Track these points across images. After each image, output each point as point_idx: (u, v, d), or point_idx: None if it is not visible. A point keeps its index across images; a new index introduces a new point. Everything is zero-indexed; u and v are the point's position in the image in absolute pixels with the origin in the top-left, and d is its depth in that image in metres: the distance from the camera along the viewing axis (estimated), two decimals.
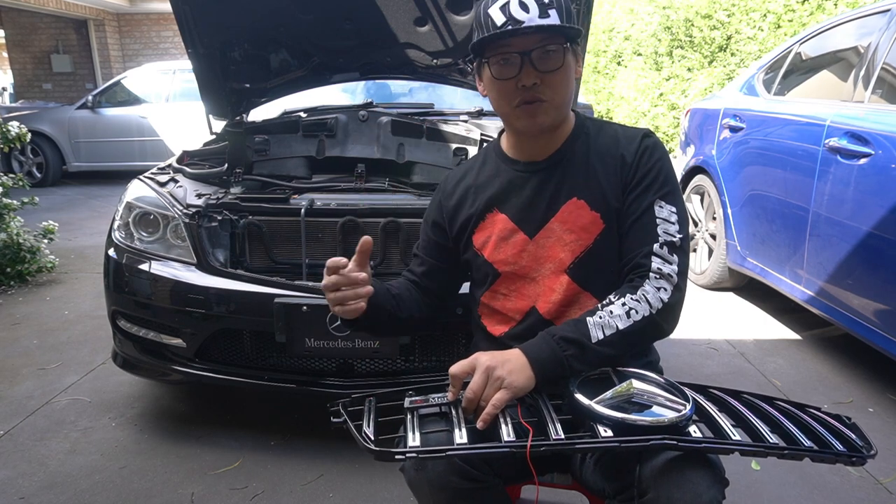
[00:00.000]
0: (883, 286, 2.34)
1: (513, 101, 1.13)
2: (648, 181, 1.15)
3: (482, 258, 1.25)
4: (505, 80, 1.12)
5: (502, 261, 1.22)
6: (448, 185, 1.34)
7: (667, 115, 7.83)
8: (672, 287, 1.10)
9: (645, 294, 1.09)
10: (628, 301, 1.08)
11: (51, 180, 7.80)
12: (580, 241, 1.17)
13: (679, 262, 1.12)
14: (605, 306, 1.09)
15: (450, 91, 3.28)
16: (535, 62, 1.09)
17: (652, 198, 1.15)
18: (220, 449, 2.14)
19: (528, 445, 0.90)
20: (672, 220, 1.14)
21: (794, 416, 1.03)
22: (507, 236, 1.22)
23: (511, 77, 1.11)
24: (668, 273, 1.10)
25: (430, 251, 1.34)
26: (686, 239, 1.14)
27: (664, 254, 1.11)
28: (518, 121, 1.16)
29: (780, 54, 3.52)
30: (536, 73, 1.10)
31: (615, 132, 1.22)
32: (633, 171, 1.16)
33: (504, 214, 1.23)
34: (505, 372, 1.00)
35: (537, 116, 1.14)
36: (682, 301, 1.12)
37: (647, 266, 1.11)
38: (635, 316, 1.07)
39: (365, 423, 0.99)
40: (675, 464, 0.95)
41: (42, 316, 3.41)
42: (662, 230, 1.13)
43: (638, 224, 1.15)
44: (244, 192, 2.24)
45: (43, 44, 11.30)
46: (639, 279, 1.12)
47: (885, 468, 2.01)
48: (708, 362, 2.83)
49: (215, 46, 2.38)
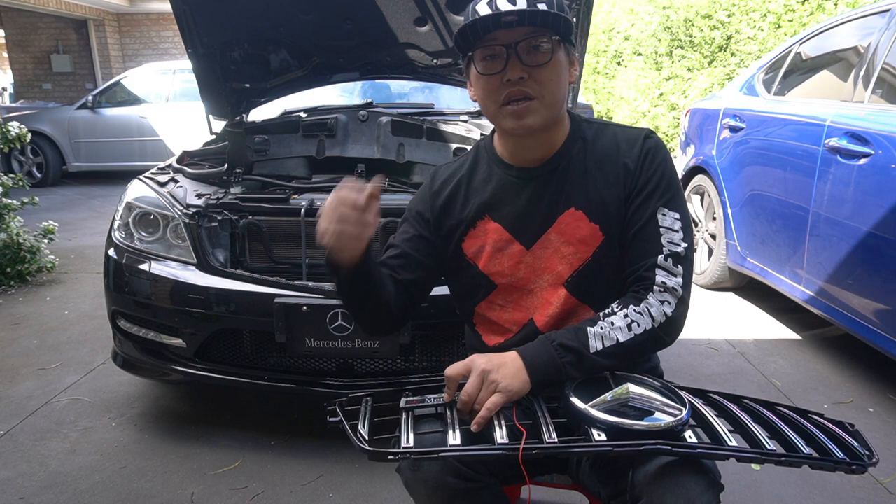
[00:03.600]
0: (883, 286, 2.34)
1: (499, 97, 1.07)
2: (651, 187, 1.11)
3: (476, 269, 1.20)
4: (490, 75, 1.06)
5: (499, 273, 1.18)
6: (437, 181, 1.25)
7: (667, 115, 7.83)
8: (676, 301, 1.07)
9: (648, 307, 1.06)
10: (631, 313, 1.06)
11: (51, 180, 7.80)
12: (578, 254, 1.13)
13: (683, 274, 1.08)
14: (606, 316, 1.07)
15: (450, 91, 3.29)
16: (522, 55, 1.04)
17: (655, 205, 1.10)
18: (220, 449, 2.14)
19: (520, 448, 0.90)
20: (676, 228, 1.10)
21: (795, 422, 1.02)
22: (503, 247, 1.17)
23: (496, 72, 1.05)
24: (673, 287, 1.07)
25: (412, 243, 1.22)
26: (690, 247, 1.11)
27: (668, 266, 1.08)
28: (505, 121, 1.09)
29: (780, 54, 3.52)
30: (523, 66, 1.04)
31: (614, 135, 1.16)
32: (636, 177, 1.12)
33: (497, 223, 1.17)
34: (500, 376, 1.00)
35: (525, 117, 1.07)
36: (686, 313, 1.10)
37: (651, 279, 1.08)
38: (637, 329, 1.05)
39: (360, 423, 0.99)
40: (669, 469, 0.94)
41: (42, 316, 3.41)
42: (666, 240, 1.09)
43: (641, 234, 1.10)
44: (244, 192, 2.24)
45: (43, 44, 11.29)
46: (643, 291, 1.08)
47: (885, 468, 2.01)
48: (708, 362, 2.83)
49: (215, 46, 2.38)
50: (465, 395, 0.99)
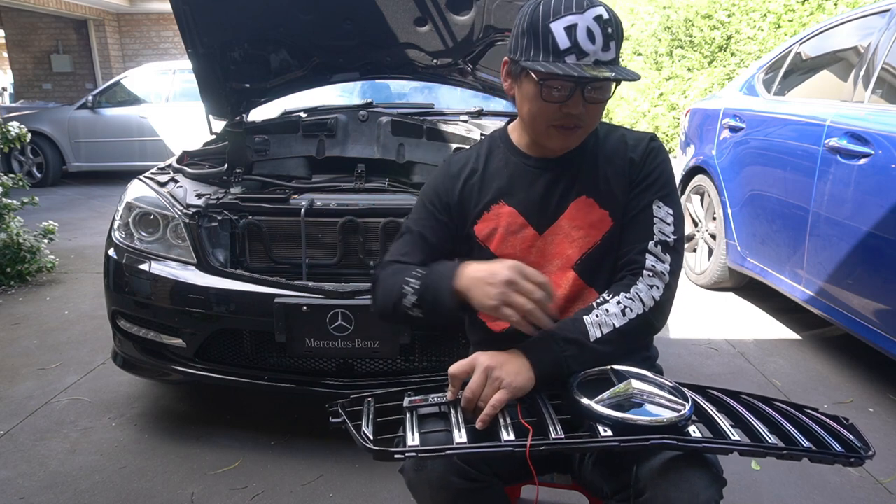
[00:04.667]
0: (883, 286, 2.34)
1: (549, 120, 1.12)
2: (650, 181, 1.18)
3: (487, 251, 1.23)
4: (551, 102, 1.10)
5: (510, 255, 1.21)
6: (452, 166, 1.28)
7: (667, 115, 7.83)
8: (664, 285, 1.13)
9: (638, 292, 1.11)
10: (623, 299, 1.10)
11: (51, 180, 7.80)
12: (588, 238, 1.19)
13: (671, 262, 1.14)
14: (599, 305, 1.11)
15: (450, 91, 3.28)
16: (586, 94, 1.08)
17: (651, 197, 1.17)
18: (220, 449, 2.14)
19: (527, 445, 0.90)
20: (668, 221, 1.16)
21: (792, 416, 1.03)
22: (516, 230, 1.21)
23: (558, 101, 1.09)
24: (661, 271, 1.13)
25: (436, 230, 1.25)
26: (680, 241, 1.17)
27: (658, 252, 1.14)
28: (549, 140, 1.16)
29: (780, 54, 3.52)
30: (584, 103, 1.09)
31: (622, 135, 1.24)
32: (638, 170, 1.19)
33: (512, 207, 1.22)
34: (504, 372, 1.00)
35: (570, 140, 1.15)
36: (672, 299, 1.15)
37: (640, 263, 1.14)
38: (630, 314, 1.09)
39: (364, 423, 0.99)
40: (673, 463, 0.95)
41: (42, 316, 3.41)
42: (658, 229, 1.15)
43: (636, 220, 1.17)
44: (244, 192, 2.24)
45: (43, 44, 11.30)
46: (631, 276, 1.14)
47: (885, 468, 2.01)
48: (708, 362, 2.83)
49: (215, 46, 2.38)
50: (469, 392, 0.99)
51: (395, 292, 1.13)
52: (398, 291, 1.13)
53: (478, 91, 2.88)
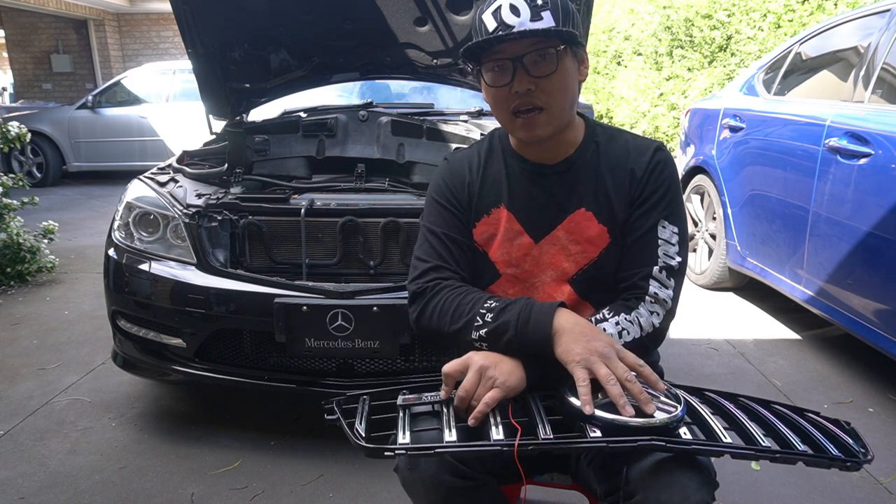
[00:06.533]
0: (883, 286, 2.34)
1: (508, 107, 1.10)
2: (656, 199, 1.14)
3: (485, 256, 1.23)
4: (498, 87, 1.09)
5: (505, 262, 1.21)
6: (454, 164, 1.27)
7: (667, 115, 7.82)
8: (664, 312, 1.12)
9: (638, 317, 1.10)
10: (622, 321, 1.09)
11: (51, 180, 7.80)
12: (585, 254, 1.17)
13: (675, 287, 1.13)
14: (598, 322, 1.09)
15: (450, 91, 3.29)
16: (528, 67, 1.06)
17: (657, 217, 1.14)
18: (220, 449, 2.14)
19: (515, 444, 0.90)
20: (673, 242, 1.14)
21: (790, 420, 1.03)
22: (513, 237, 1.20)
23: (504, 84, 1.08)
24: (664, 298, 1.11)
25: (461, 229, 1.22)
26: (684, 262, 1.15)
27: (662, 278, 1.12)
28: (516, 131, 1.14)
29: (780, 54, 3.52)
30: (530, 78, 1.06)
31: (626, 142, 1.19)
32: (641, 186, 1.15)
33: (510, 213, 1.20)
34: (497, 372, 1.00)
35: (536, 129, 1.10)
36: (671, 322, 1.14)
37: (643, 289, 1.12)
38: (626, 337, 1.08)
39: (357, 421, 0.99)
40: (664, 465, 0.94)
41: (42, 316, 3.41)
42: (663, 251, 1.13)
43: (640, 243, 1.14)
44: (244, 192, 2.24)
45: (43, 44, 11.30)
46: (634, 300, 1.12)
47: (885, 468, 2.01)
48: (708, 362, 2.83)
49: (215, 46, 2.39)
50: (462, 390, 1.00)
51: (464, 319, 1.09)
52: (468, 319, 1.09)
53: (478, 91, 2.88)
